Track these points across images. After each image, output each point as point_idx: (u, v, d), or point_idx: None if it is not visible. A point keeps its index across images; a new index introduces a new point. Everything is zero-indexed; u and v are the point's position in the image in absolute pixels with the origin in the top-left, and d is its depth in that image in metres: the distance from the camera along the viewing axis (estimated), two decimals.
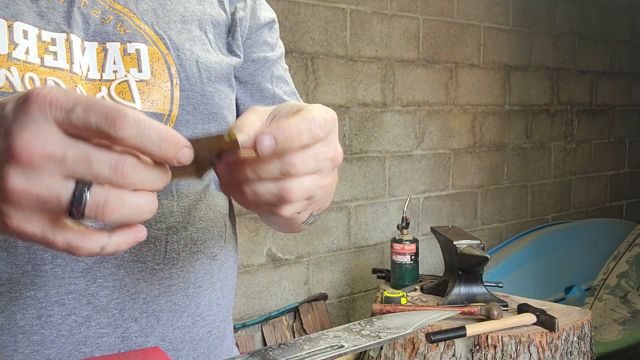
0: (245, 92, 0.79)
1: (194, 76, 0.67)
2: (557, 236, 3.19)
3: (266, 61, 0.80)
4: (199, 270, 0.69)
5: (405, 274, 2.04)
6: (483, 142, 3.20)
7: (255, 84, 0.80)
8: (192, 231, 0.68)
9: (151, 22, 0.66)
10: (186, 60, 0.67)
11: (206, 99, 0.68)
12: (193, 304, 0.68)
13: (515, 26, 3.30)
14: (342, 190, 2.64)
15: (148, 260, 0.63)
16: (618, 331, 2.77)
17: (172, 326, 0.65)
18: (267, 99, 0.80)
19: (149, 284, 0.64)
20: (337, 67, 2.57)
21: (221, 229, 0.73)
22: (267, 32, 0.82)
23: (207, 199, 0.71)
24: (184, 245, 0.67)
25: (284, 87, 0.83)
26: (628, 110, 4.08)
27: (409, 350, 1.65)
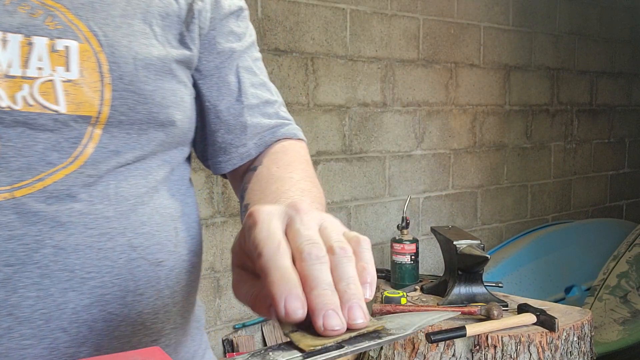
0: (210, 86, 0.75)
1: (130, 74, 0.63)
2: (557, 236, 3.19)
3: (232, 52, 0.77)
4: (140, 278, 0.65)
5: (405, 274, 2.04)
6: (483, 142, 3.20)
7: (221, 77, 0.76)
8: (131, 237, 0.64)
9: (86, 18, 0.61)
10: (121, 58, 0.62)
11: (144, 99, 0.64)
12: (133, 313, 0.64)
13: (515, 26, 3.30)
14: (342, 190, 2.64)
15: (76, 268, 0.59)
16: (618, 331, 2.77)
17: (108, 336, 0.62)
18: (233, 92, 0.76)
19: (79, 293, 0.60)
20: (337, 67, 2.57)
21: (170, 233, 0.69)
22: (233, 22, 0.78)
23: (152, 203, 0.67)
24: (121, 252, 0.63)
25: (251, 79, 0.79)
26: (628, 110, 4.08)
27: (409, 350, 1.65)
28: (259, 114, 0.78)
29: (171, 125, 0.68)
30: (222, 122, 0.76)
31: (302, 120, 2.47)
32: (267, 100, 0.80)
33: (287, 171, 0.73)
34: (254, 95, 0.78)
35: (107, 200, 0.62)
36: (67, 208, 0.59)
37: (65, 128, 0.59)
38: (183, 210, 0.72)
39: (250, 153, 0.78)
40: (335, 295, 0.40)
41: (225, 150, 0.77)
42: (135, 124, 0.64)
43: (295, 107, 2.45)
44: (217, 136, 0.77)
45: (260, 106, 0.78)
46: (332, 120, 2.57)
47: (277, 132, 0.79)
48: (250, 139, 0.77)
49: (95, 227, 0.61)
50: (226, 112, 0.76)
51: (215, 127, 0.76)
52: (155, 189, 0.68)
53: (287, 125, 0.81)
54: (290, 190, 0.67)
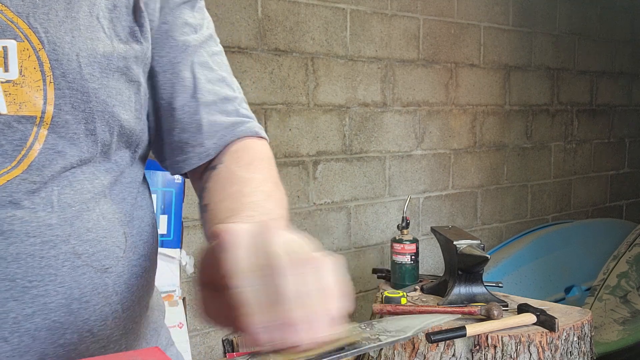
0: (164, 83, 0.72)
1: (73, 72, 0.60)
2: (557, 236, 3.19)
3: (187, 47, 0.73)
4: (86, 285, 0.63)
5: (406, 274, 2.04)
6: (483, 142, 3.20)
7: (175, 73, 0.72)
8: (75, 244, 0.62)
9: (27, 14, 0.59)
10: (63, 55, 0.60)
11: (88, 97, 0.62)
12: (79, 321, 0.62)
13: (515, 26, 3.30)
14: (342, 190, 2.64)
15: (18, 278, 0.58)
16: (618, 331, 2.77)
17: (53, 344, 0.60)
18: (187, 89, 0.73)
19: (20, 302, 0.58)
20: (337, 67, 2.57)
21: (118, 239, 0.67)
22: (187, 12, 0.74)
23: (99, 208, 0.65)
24: (64, 260, 0.61)
25: (208, 75, 0.74)
26: (628, 110, 4.08)
27: (409, 350, 1.65)
28: (217, 112, 0.74)
29: (117, 125, 0.65)
30: (177, 120, 0.73)
31: (302, 120, 2.47)
32: (225, 96, 0.76)
33: (248, 171, 0.71)
34: (211, 92, 0.74)
35: (50, 207, 0.60)
36: (9, 216, 0.58)
37: (8, 130, 0.57)
38: (134, 214, 0.70)
39: (209, 153, 0.74)
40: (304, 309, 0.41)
41: (182, 149, 0.74)
42: (80, 123, 0.62)
43: (295, 107, 2.45)
44: (173, 135, 0.74)
45: (218, 103, 0.75)
46: (332, 120, 2.57)
47: (237, 130, 0.75)
48: (208, 139, 0.74)
49: (38, 235, 0.59)
50: (180, 110, 0.73)
51: (170, 126, 0.73)
52: (102, 194, 0.66)
53: (248, 122, 0.77)
54: (252, 193, 0.66)
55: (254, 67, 2.32)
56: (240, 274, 0.42)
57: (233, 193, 0.66)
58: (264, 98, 2.36)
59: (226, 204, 0.65)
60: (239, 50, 2.28)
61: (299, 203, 2.50)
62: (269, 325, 0.40)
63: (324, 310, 0.42)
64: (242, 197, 0.65)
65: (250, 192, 0.66)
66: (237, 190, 0.66)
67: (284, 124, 2.42)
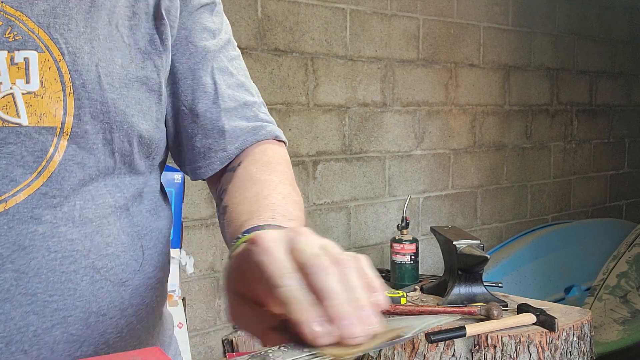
0: (185, 89, 0.72)
1: (92, 82, 0.60)
2: (557, 236, 3.19)
3: (206, 52, 0.73)
4: (103, 299, 0.63)
5: (405, 274, 2.04)
6: (483, 142, 3.20)
7: (195, 79, 0.72)
8: (94, 259, 0.62)
9: (47, 25, 0.59)
10: (83, 66, 0.60)
11: (107, 107, 0.61)
12: (96, 334, 0.63)
13: (515, 26, 3.30)
14: (342, 190, 2.64)
15: (38, 292, 0.58)
16: (618, 331, 2.78)
17: (70, 356, 0.61)
18: (209, 95, 0.73)
19: (40, 316, 0.59)
20: (337, 67, 2.57)
21: (136, 252, 0.67)
22: (207, 16, 0.74)
23: (119, 223, 0.65)
24: (84, 275, 0.61)
25: (228, 80, 0.75)
26: (628, 110, 4.08)
27: (408, 350, 1.65)
28: (237, 117, 0.75)
29: (136, 135, 0.65)
30: (199, 126, 0.73)
31: (302, 120, 2.47)
32: (245, 102, 0.76)
33: (265, 173, 0.71)
34: (231, 98, 0.75)
35: (72, 222, 0.60)
36: (30, 231, 0.58)
37: (29, 141, 0.58)
38: (152, 226, 0.70)
39: (231, 157, 0.75)
40: (349, 303, 0.41)
41: (205, 155, 0.74)
42: (99, 133, 0.61)
43: (295, 107, 2.45)
44: (195, 141, 0.74)
45: (239, 109, 0.75)
46: (332, 120, 2.57)
47: (257, 134, 0.76)
48: (230, 143, 0.74)
49: (59, 250, 0.59)
50: (203, 116, 0.73)
51: (193, 132, 0.73)
52: (124, 207, 0.66)
53: (267, 127, 0.78)
54: (271, 195, 0.66)
55: (253, 67, 2.32)
56: (284, 272, 0.42)
57: (252, 195, 0.66)
58: (264, 98, 2.34)
59: (246, 207, 0.64)
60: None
61: None
62: (324, 319, 0.40)
63: (370, 303, 0.42)
64: (261, 198, 0.65)
65: (268, 194, 0.66)
66: (255, 192, 0.67)
67: (284, 124, 2.42)
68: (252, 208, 0.63)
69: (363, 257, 0.45)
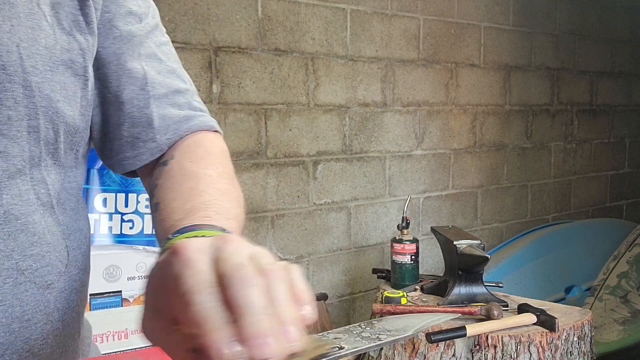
0: (109, 75, 0.67)
1: (14, 64, 0.56)
2: (557, 236, 3.19)
3: (132, 37, 0.68)
4: (28, 303, 0.59)
5: (406, 274, 2.04)
6: (483, 142, 3.20)
7: (120, 64, 0.67)
8: (18, 259, 0.57)
9: None
10: (2, 46, 0.55)
11: (31, 91, 0.57)
12: (19, 341, 0.58)
13: (516, 26, 3.30)
14: (342, 190, 2.64)
15: None
16: (618, 331, 2.78)
17: None
18: (136, 81, 0.68)
19: None
20: (338, 67, 2.57)
21: (61, 253, 0.62)
22: (132, 0, 0.70)
23: (44, 221, 0.60)
24: (7, 277, 0.57)
25: (157, 66, 0.70)
26: (628, 110, 4.08)
27: (409, 350, 1.65)
28: (168, 105, 0.70)
29: (62, 122, 0.60)
30: (126, 114, 0.68)
31: (303, 120, 2.47)
32: (176, 89, 0.72)
33: (201, 166, 0.66)
34: (161, 84, 0.70)
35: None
36: None
37: None
38: (76, 226, 0.66)
39: (162, 148, 0.70)
40: (269, 319, 0.37)
41: (133, 145, 0.69)
42: (24, 120, 0.57)
43: (295, 107, 2.45)
44: (122, 130, 0.69)
45: (170, 96, 0.71)
46: (332, 120, 2.57)
47: (190, 124, 0.71)
48: (160, 133, 0.69)
49: None
50: (129, 103, 0.68)
51: (119, 121, 0.68)
52: (49, 204, 0.61)
53: (201, 116, 0.73)
54: (207, 191, 0.61)
55: (254, 67, 2.32)
56: (201, 289, 0.38)
57: (186, 191, 0.62)
58: (264, 98, 2.36)
59: (179, 203, 0.60)
60: (239, 50, 2.28)
61: (299, 203, 2.50)
62: (234, 340, 0.36)
63: (294, 318, 0.38)
64: (197, 195, 0.60)
65: (204, 190, 0.62)
66: (190, 188, 0.62)
67: (284, 124, 2.42)
68: (186, 206, 0.59)
69: (294, 267, 0.41)
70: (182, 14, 2.14)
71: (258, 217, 2.38)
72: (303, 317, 0.39)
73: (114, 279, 1.64)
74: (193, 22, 2.16)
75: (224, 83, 2.25)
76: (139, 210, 1.86)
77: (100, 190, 1.78)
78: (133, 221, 1.83)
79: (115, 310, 1.63)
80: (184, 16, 2.14)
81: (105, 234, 1.79)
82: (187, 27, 2.15)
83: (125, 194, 1.80)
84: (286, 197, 2.45)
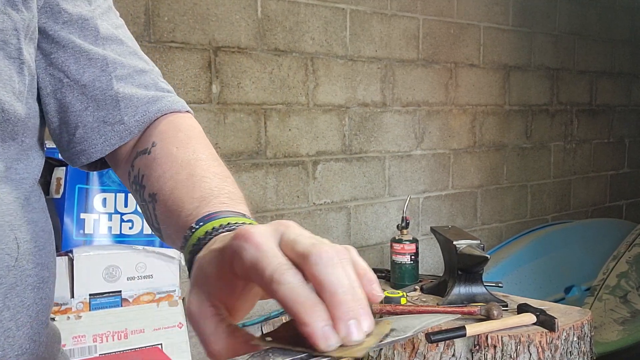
0: (66, 59, 0.63)
1: None
2: (557, 236, 3.19)
3: (83, 20, 0.64)
4: None
5: (405, 274, 2.04)
6: (483, 142, 3.20)
7: (76, 47, 0.64)
8: None
9: None
10: None
11: None
12: None
13: (515, 26, 3.30)
14: (342, 190, 2.64)
15: None
16: (618, 331, 2.78)
17: None
18: (97, 62, 0.64)
19: None
20: (337, 67, 2.57)
21: (9, 245, 0.58)
22: None
23: None
24: None
25: (117, 48, 0.67)
26: (628, 110, 4.08)
27: (408, 350, 1.65)
28: (133, 85, 0.67)
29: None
30: (89, 98, 0.65)
31: (302, 120, 2.47)
32: (141, 69, 0.68)
33: (189, 151, 0.64)
34: (123, 65, 0.66)
35: None
36: None
37: None
38: (27, 217, 0.61)
39: (131, 130, 0.66)
40: (356, 300, 0.38)
41: (99, 130, 0.65)
42: None
43: (295, 107, 2.45)
44: (86, 115, 0.65)
45: (134, 76, 0.67)
46: (332, 120, 2.57)
47: (160, 105, 0.67)
48: (128, 114, 0.65)
49: None
50: (91, 86, 0.64)
51: (82, 105, 0.65)
52: None
53: (170, 96, 0.69)
54: (207, 177, 0.59)
55: (253, 67, 2.32)
56: (286, 269, 0.38)
57: (185, 179, 0.59)
58: (264, 98, 2.36)
59: (184, 192, 0.58)
60: (238, 50, 2.28)
61: (298, 203, 2.50)
62: (332, 324, 0.37)
63: (371, 296, 0.39)
64: (200, 182, 0.58)
65: (204, 176, 0.60)
66: (189, 174, 0.60)
67: (284, 124, 2.42)
68: (195, 194, 0.57)
69: (352, 248, 0.41)
70: (181, 14, 2.14)
71: (258, 217, 2.37)
72: (373, 295, 0.40)
73: (114, 279, 1.64)
74: (192, 22, 2.16)
75: (224, 83, 2.25)
76: (139, 210, 1.85)
77: (100, 190, 1.78)
78: (133, 221, 1.83)
79: (115, 310, 1.63)
80: (184, 16, 2.14)
81: (104, 234, 1.78)
82: (186, 27, 2.15)
83: (124, 194, 1.80)
84: (286, 197, 2.45)
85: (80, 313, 1.58)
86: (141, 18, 2.05)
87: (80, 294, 1.59)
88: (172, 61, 2.12)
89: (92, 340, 1.59)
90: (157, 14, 2.08)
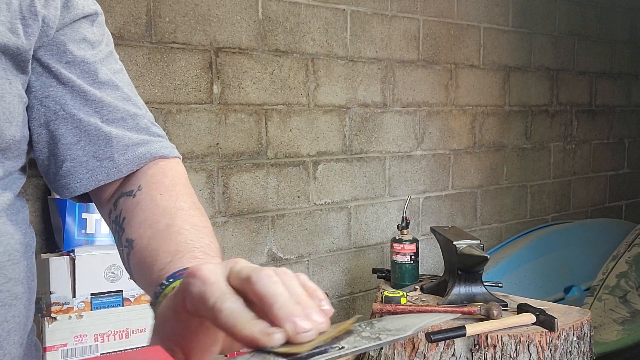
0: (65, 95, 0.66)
1: None
2: (557, 236, 3.19)
3: (85, 63, 0.67)
4: None
5: (405, 273, 2.05)
6: (483, 143, 3.21)
7: (76, 87, 0.66)
8: None
9: None
10: None
11: None
12: None
13: (515, 27, 3.31)
14: (342, 190, 2.65)
15: None
16: (617, 331, 2.78)
17: None
18: (93, 104, 0.67)
19: None
20: (338, 67, 2.58)
21: None
22: (87, 27, 0.69)
23: None
24: None
25: (112, 93, 0.69)
26: (627, 110, 4.08)
27: (409, 350, 1.65)
28: (126, 129, 0.69)
29: None
30: (83, 132, 0.66)
31: (303, 121, 2.48)
32: (134, 113, 0.71)
33: (171, 199, 0.65)
34: (117, 109, 0.69)
35: None
36: None
37: None
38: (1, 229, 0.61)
39: (120, 170, 0.68)
40: (299, 303, 0.40)
41: (87, 164, 0.67)
42: None
43: (295, 108, 2.46)
44: (77, 149, 0.66)
45: (127, 119, 0.69)
46: (333, 120, 2.58)
47: (149, 148, 0.70)
48: (119, 153, 0.67)
49: None
50: (86, 122, 0.67)
51: (75, 139, 0.66)
52: None
53: (161, 141, 0.72)
54: (184, 227, 0.61)
55: (254, 67, 2.32)
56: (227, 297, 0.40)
57: (163, 229, 0.61)
58: (265, 99, 2.37)
59: (160, 244, 0.59)
60: (239, 51, 2.28)
61: (299, 203, 2.50)
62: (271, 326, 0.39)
63: (316, 304, 0.42)
64: (176, 234, 0.60)
65: (182, 227, 0.61)
66: (167, 225, 0.61)
67: (285, 125, 2.42)
68: (170, 247, 0.58)
69: (302, 274, 0.45)
70: (182, 15, 2.14)
71: (259, 217, 2.38)
72: (323, 309, 0.42)
73: (115, 278, 1.65)
74: (194, 22, 2.17)
75: (225, 84, 2.26)
76: None
77: None
78: None
79: (116, 309, 1.64)
80: (185, 17, 2.15)
81: (105, 234, 1.79)
82: (187, 27, 2.16)
83: None
84: (286, 197, 2.46)
85: (82, 312, 1.59)
86: (143, 19, 2.06)
87: (81, 293, 1.60)
88: (173, 62, 2.13)
89: (94, 340, 1.60)
90: (159, 14, 2.09)
